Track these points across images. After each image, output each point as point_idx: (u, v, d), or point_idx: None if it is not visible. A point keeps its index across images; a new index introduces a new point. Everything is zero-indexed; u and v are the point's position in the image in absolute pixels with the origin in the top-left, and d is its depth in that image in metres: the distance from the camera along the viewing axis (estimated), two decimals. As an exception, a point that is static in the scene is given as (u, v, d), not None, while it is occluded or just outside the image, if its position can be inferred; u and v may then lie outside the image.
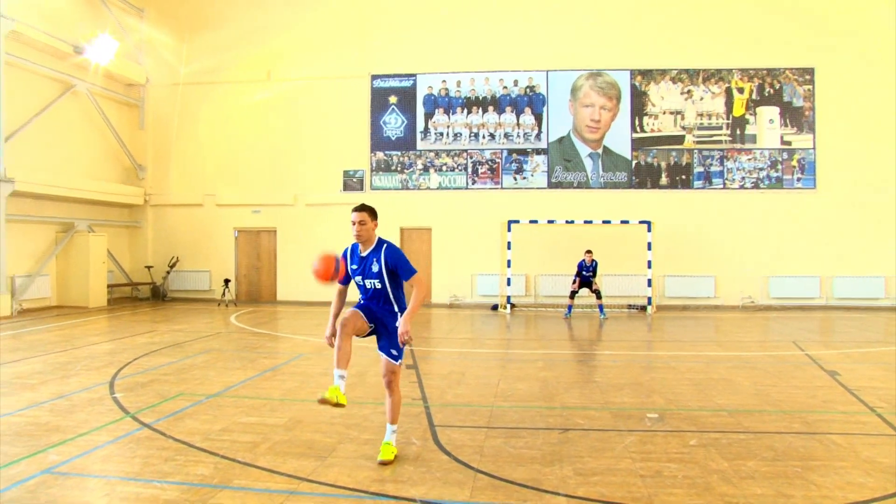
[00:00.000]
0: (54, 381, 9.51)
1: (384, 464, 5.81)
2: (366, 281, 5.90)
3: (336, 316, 6.04)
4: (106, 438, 6.67)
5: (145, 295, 23.90)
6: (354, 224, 5.84)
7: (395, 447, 6.06)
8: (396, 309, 5.99)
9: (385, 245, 5.91)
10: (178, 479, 5.51)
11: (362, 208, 5.91)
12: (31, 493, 5.20)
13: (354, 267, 5.95)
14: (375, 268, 5.84)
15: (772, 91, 21.50)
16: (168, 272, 23.52)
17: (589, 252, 18.55)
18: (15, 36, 18.52)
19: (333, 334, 5.80)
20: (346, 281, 6.05)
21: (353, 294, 5.90)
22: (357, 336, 5.81)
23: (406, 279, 5.90)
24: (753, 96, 21.58)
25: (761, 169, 21.42)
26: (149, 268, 23.69)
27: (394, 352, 5.93)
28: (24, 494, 5.16)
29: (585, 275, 18.51)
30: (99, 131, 22.70)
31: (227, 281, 22.25)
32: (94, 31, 21.10)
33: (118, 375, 9.91)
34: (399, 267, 5.86)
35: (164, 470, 5.71)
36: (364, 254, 5.90)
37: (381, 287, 5.89)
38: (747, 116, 21.60)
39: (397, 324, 5.82)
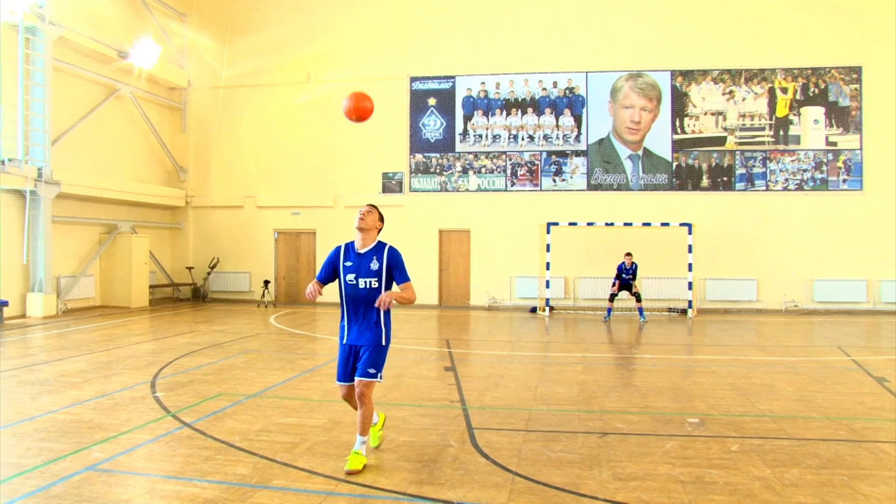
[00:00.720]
0: (98, 379, 9.67)
1: (351, 473, 5.61)
2: (360, 280, 5.79)
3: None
4: (147, 437, 6.75)
5: (186, 296, 24.21)
6: (360, 210, 5.89)
7: (365, 457, 5.85)
8: (382, 320, 5.89)
9: (388, 246, 5.91)
10: (217, 478, 5.55)
11: (373, 205, 6.02)
12: (75, 489, 5.28)
13: (348, 264, 5.84)
14: (375, 265, 5.79)
15: (817, 91, 21.11)
16: (209, 273, 23.80)
17: (629, 255, 18.37)
18: (62, 42, 18.90)
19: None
20: (327, 281, 5.93)
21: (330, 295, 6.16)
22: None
23: (400, 282, 5.86)
24: (798, 96, 21.21)
25: (805, 170, 21.04)
26: (190, 269, 24.00)
27: (371, 370, 5.78)
28: (68, 490, 5.25)
29: (625, 278, 18.31)
30: (142, 134, 23.06)
31: (266, 282, 22.45)
32: (137, 36, 21.44)
33: (159, 375, 10.04)
34: (397, 268, 5.84)
35: (203, 469, 5.76)
36: (362, 251, 5.85)
37: (377, 286, 5.80)
38: (791, 117, 21.23)
39: (384, 343, 5.90)
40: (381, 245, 5.90)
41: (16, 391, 8.91)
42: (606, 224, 20.48)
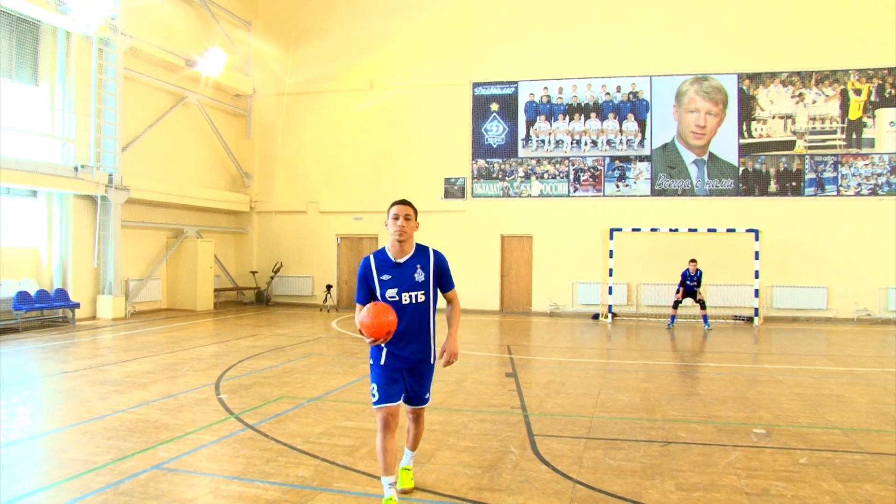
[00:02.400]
0: (163, 380, 9.88)
1: (405, 492, 5.31)
2: (403, 294, 4.94)
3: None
4: (211, 438, 6.86)
5: (250, 299, 24.61)
6: (397, 219, 4.91)
7: (412, 470, 5.55)
8: (431, 337, 5.13)
9: (432, 250, 5.10)
10: (279, 479, 5.61)
11: (406, 202, 5.00)
12: (142, 486, 5.40)
13: (386, 277, 4.94)
14: (420, 276, 4.97)
15: (893, 91, 20.43)
16: (272, 277, 24.16)
17: (693, 261, 18.04)
18: (132, 52, 19.44)
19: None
20: (368, 302, 5.02)
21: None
22: None
23: (448, 290, 5.15)
24: (872, 98, 20.55)
25: (880, 175, 20.36)
26: (253, 273, 24.39)
27: (427, 395, 5.25)
28: (135, 488, 5.37)
29: (690, 284, 17.99)
30: (208, 140, 23.56)
31: (328, 287, 22.69)
32: (204, 45, 21.93)
33: (223, 377, 10.21)
34: (446, 275, 5.13)
35: (265, 470, 5.83)
36: (401, 260, 4.98)
37: (424, 301, 5.00)
38: (865, 119, 20.59)
39: (433, 361, 5.18)
40: (423, 250, 5.09)
41: (86, 390, 9.16)
42: (670, 230, 20.16)
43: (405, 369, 5.05)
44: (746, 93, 21.21)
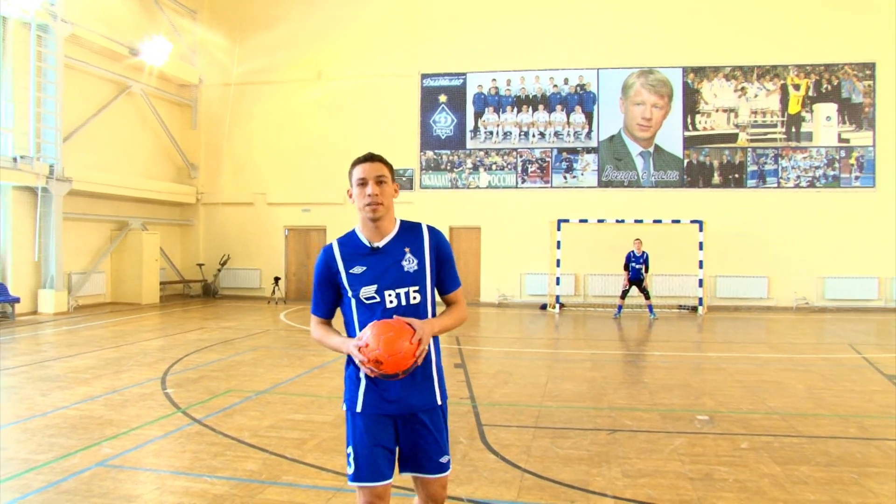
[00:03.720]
0: (108, 375, 9.71)
1: None
2: (386, 294, 3.21)
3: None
4: (157, 433, 6.78)
5: (196, 292, 24.29)
6: (365, 184, 3.24)
7: None
8: (434, 361, 3.34)
9: (426, 227, 3.42)
10: (227, 474, 5.57)
11: (376, 157, 3.33)
12: (85, 484, 5.31)
13: (359, 271, 3.23)
14: (412, 265, 3.27)
15: (829, 87, 20.98)
16: (219, 270, 23.87)
17: (638, 241, 18.20)
18: (74, 39, 18.98)
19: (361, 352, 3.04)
20: (332, 314, 3.48)
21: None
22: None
23: (452, 288, 3.42)
24: (810, 93, 21.08)
25: (818, 167, 20.92)
26: (200, 265, 24.08)
27: (445, 458, 3.36)
28: (78, 486, 5.28)
29: (636, 267, 18.05)
30: (152, 131, 23.15)
31: (276, 279, 22.53)
32: (148, 33, 21.51)
33: (169, 371, 10.09)
34: (448, 263, 3.41)
35: (213, 465, 5.78)
36: (379, 244, 3.29)
37: (419, 302, 3.26)
38: (803, 114, 21.11)
39: (441, 401, 3.35)
40: (412, 228, 3.40)
41: (26, 387, 8.96)
42: (617, 221, 20.43)
43: (398, 418, 3.27)
44: (691, 86, 21.58)
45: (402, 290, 3.25)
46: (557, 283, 20.31)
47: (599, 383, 9.39)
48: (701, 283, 19.76)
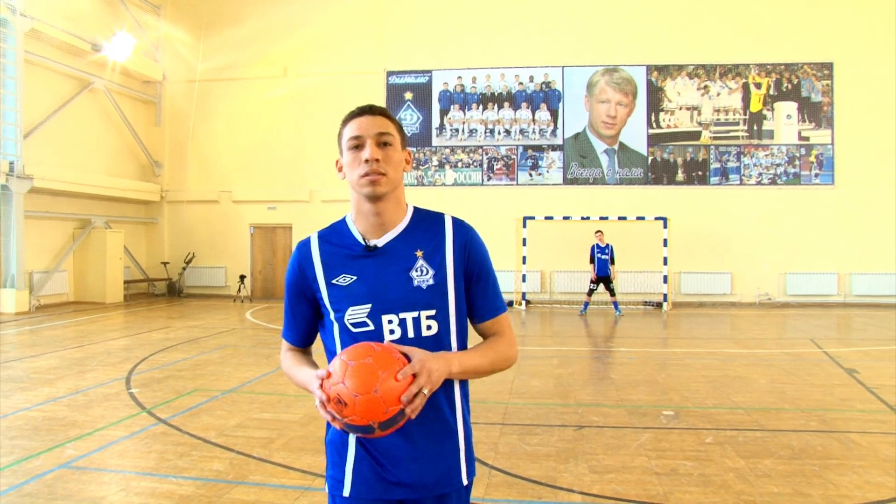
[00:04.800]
0: (71, 376, 9.58)
1: None
2: (387, 317, 2.18)
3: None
4: (122, 433, 6.71)
5: (161, 291, 24.02)
6: (361, 147, 2.26)
7: None
8: (459, 425, 2.28)
9: (450, 219, 2.37)
10: (193, 474, 5.53)
11: (377, 110, 2.38)
12: (48, 486, 5.24)
13: (346, 281, 2.22)
14: (427, 276, 2.23)
15: (790, 86, 21.31)
16: (184, 268, 23.63)
17: (599, 232, 18.11)
18: (34, 34, 18.65)
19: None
20: (310, 338, 2.42)
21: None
22: None
23: (491, 316, 2.32)
24: (771, 91, 21.40)
25: (779, 165, 21.24)
26: (165, 264, 23.81)
27: None
28: (41, 488, 5.20)
29: (602, 258, 17.82)
30: (116, 128, 22.84)
31: (242, 277, 22.36)
32: (111, 29, 21.22)
33: (134, 371, 9.98)
34: (485, 274, 2.33)
35: (179, 465, 5.74)
36: (379, 241, 2.27)
37: (435, 333, 2.21)
38: (765, 112, 21.42)
39: (468, 480, 2.29)
40: (429, 218, 2.38)
41: (-12, 388, 8.82)
42: (582, 218, 20.57)
43: None
44: (655, 84, 21.79)
45: (408, 315, 2.16)
46: (524, 280, 20.41)
47: (566, 380, 9.46)
48: (665, 279, 19.98)
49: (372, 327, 2.16)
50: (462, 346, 2.28)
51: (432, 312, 2.19)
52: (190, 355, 11.47)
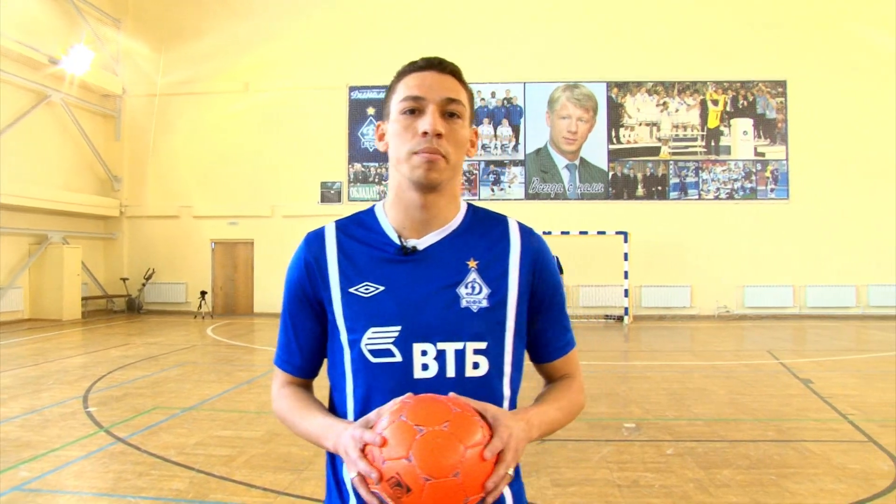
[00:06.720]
0: (25, 395, 9.39)
1: None
2: (419, 346, 1.57)
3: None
4: (79, 453, 6.59)
5: (120, 307, 23.68)
6: (422, 111, 1.60)
7: None
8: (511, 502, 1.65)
9: (517, 225, 1.78)
10: (152, 494, 5.45)
11: (447, 66, 1.65)
12: (2, 509, 5.14)
13: (368, 292, 1.61)
14: (481, 296, 1.63)
15: (745, 103, 21.74)
16: (143, 284, 23.32)
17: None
18: (-12, 46, 18.39)
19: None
20: (314, 367, 1.77)
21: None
22: None
23: (561, 353, 1.95)
24: (727, 108, 21.81)
25: (736, 180, 21.62)
26: (124, 280, 23.48)
27: None
28: (-5, 511, 5.11)
29: None
30: (74, 142, 22.51)
31: (203, 293, 22.10)
32: (69, 42, 20.95)
33: (91, 389, 9.81)
34: (556, 302, 1.82)
35: (138, 485, 5.65)
36: (419, 242, 1.67)
37: (486, 372, 1.63)
38: (721, 128, 21.81)
39: None
40: (489, 221, 1.76)
41: (-60, 408, 8.62)
42: (544, 233, 20.61)
43: None
44: (615, 100, 22.07)
45: (450, 346, 1.59)
46: (487, 295, 20.42)
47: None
48: (626, 293, 20.17)
49: (399, 358, 1.57)
50: (514, 394, 1.76)
51: (482, 345, 1.61)
52: (149, 373, 11.31)
